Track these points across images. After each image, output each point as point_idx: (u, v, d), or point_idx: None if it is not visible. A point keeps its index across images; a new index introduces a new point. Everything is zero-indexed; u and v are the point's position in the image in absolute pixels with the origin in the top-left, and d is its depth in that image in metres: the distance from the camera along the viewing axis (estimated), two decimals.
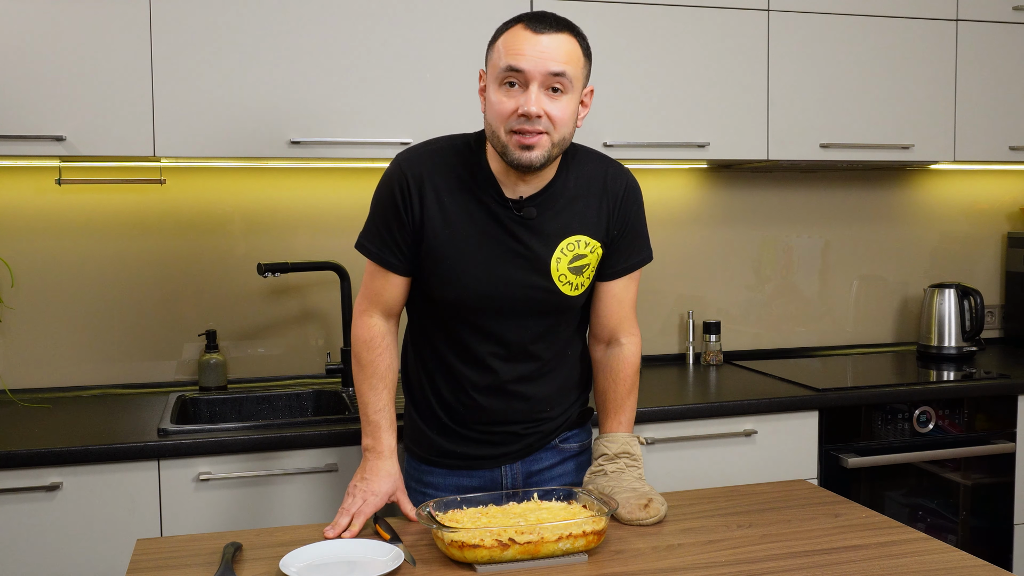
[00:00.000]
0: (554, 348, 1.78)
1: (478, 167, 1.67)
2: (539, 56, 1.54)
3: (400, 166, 1.69)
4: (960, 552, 1.50)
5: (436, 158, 1.69)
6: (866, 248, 3.29)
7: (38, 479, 2.03)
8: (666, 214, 3.07)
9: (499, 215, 1.66)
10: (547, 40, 1.55)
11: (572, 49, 1.58)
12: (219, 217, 2.70)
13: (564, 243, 1.69)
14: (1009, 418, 2.69)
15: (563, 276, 1.70)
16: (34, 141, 2.24)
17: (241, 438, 2.11)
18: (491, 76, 1.60)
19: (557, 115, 1.57)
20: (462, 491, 1.77)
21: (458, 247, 1.66)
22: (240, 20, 2.34)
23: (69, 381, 2.62)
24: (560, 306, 1.73)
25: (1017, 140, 2.97)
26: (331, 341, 2.78)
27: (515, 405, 1.76)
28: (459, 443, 1.79)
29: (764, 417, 2.47)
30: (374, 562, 1.43)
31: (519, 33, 1.56)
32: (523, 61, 1.54)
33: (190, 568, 1.45)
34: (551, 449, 1.84)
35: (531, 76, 1.55)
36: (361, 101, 2.42)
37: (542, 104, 1.55)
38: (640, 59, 2.63)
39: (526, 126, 1.56)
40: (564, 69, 1.56)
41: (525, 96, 1.55)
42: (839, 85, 2.79)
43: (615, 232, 1.75)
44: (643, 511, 1.62)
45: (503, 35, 1.60)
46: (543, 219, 1.68)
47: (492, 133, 1.61)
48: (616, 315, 1.80)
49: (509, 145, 1.58)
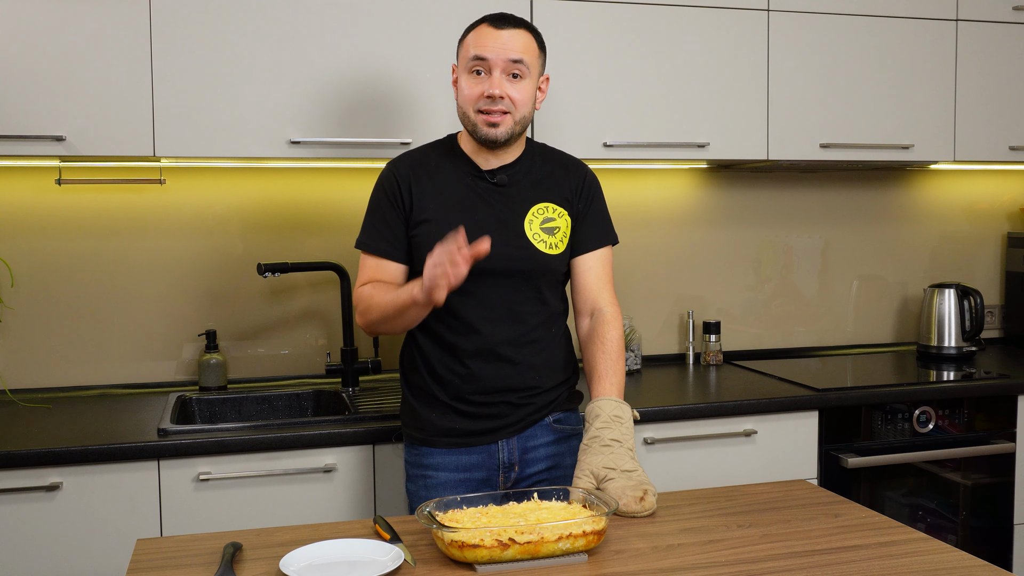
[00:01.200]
0: (538, 316, 1.91)
1: (454, 152, 1.94)
2: (501, 47, 1.82)
3: (388, 167, 1.95)
4: (960, 552, 1.50)
5: (418, 155, 1.96)
6: (866, 248, 3.29)
7: (38, 479, 2.03)
8: (666, 214, 3.07)
9: (475, 187, 1.90)
10: (507, 35, 1.83)
11: (528, 42, 1.86)
12: (219, 217, 2.70)
13: (535, 208, 1.91)
14: (1009, 418, 2.69)
15: (536, 235, 1.89)
16: (34, 141, 2.24)
17: (241, 438, 2.11)
18: (461, 67, 1.87)
19: (517, 96, 1.84)
20: (461, 468, 1.90)
21: (441, 218, 1.86)
22: (239, 20, 2.34)
23: (69, 381, 2.62)
24: (538, 264, 1.89)
25: (1017, 140, 2.98)
26: (331, 341, 2.78)
27: (505, 370, 1.88)
28: (455, 418, 1.89)
29: (764, 417, 2.47)
30: (374, 562, 1.43)
31: (484, 30, 1.84)
32: (487, 51, 1.82)
33: (190, 568, 1.45)
34: (545, 426, 1.93)
35: (494, 64, 1.82)
36: (361, 101, 2.42)
37: (504, 87, 1.82)
38: (640, 59, 2.63)
39: (492, 107, 1.82)
40: (522, 57, 1.83)
41: (490, 81, 1.82)
42: (839, 85, 2.79)
43: (579, 207, 1.95)
44: (639, 504, 1.65)
45: (471, 32, 1.87)
46: (514, 188, 1.91)
47: (463, 115, 1.87)
48: (595, 286, 1.95)
49: (478, 123, 1.84)
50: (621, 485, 1.68)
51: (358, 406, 2.39)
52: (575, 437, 1.96)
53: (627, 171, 3.00)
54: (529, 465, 1.92)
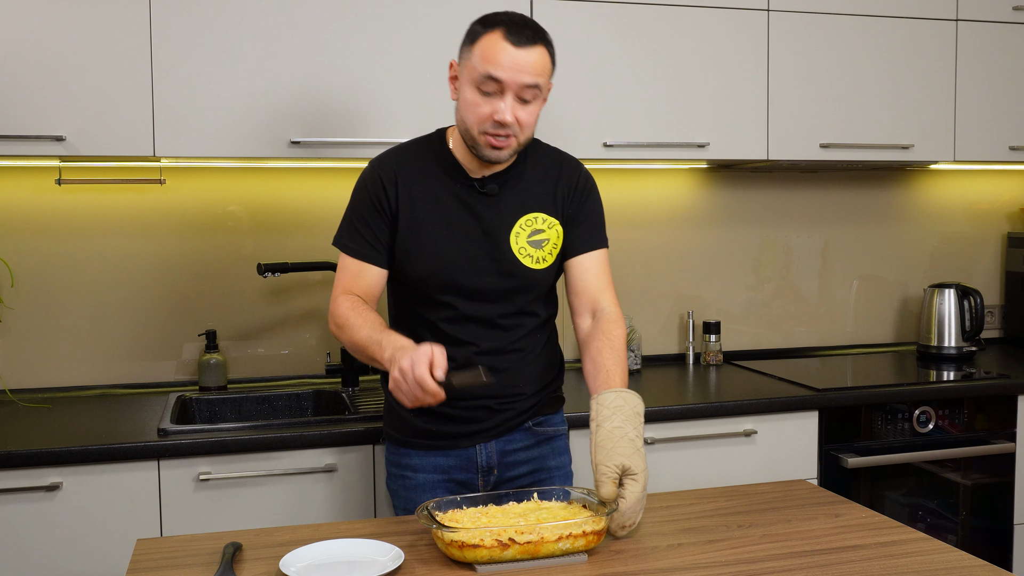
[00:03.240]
0: (523, 327, 1.85)
1: (443, 155, 1.82)
2: (517, 70, 1.67)
3: (372, 167, 1.84)
4: (960, 552, 1.50)
5: (403, 154, 1.84)
6: (866, 248, 3.29)
7: (38, 479, 2.03)
8: (666, 214, 3.07)
9: (463, 195, 1.80)
10: (524, 55, 1.67)
11: (545, 61, 1.71)
12: (219, 217, 2.70)
13: (523, 219, 1.81)
14: (1009, 418, 2.69)
15: (523, 249, 1.81)
16: (34, 141, 2.24)
17: (241, 438, 2.11)
18: (467, 75, 1.71)
19: (526, 120, 1.72)
20: (439, 470, 1.86)
21: (426, 228, 1.78)
22: (239, 20, 2.34)
23: (69, 381, 2.62)
24: (525, 279, 1.82)
25: (1017, 140, 2.97)
26: (331, 341, 2.78)
27: None
28: (433, 421, 1.84)
29: (764, 417, 2.47)
30: (374, 562, 1.43)
31: (499, 43, 1.67)
32: (501, 72, 1.66)
33: (190, 568, 1.45)
34: (524, 431, 1.89)
35: (508, 86, 1.67)
36: (361, 101, 2.42)
37: (515, 112, 1.69)
38: (640, 59, 2.63)
39: (499, 131, 1.70)
40: (538, 81, 1.69)
41: (501, 104, 1.68)
42: (839, 85, 2.79)
43: (571, 212, 1.85)
44: (621, 531, 1.56)
45: (482, 39, 1.69)
46: (503, 197, 1.81)
47: (465, 129, 1.74)
48: (595, 287, 1.85)
49: (481, 143, 1.72)
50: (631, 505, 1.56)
51: (358, 406, 2.39)
52: (557, 438, 1.93)
53: (627, 171, 3.00)
54: (508, 469, 1.88)
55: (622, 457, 1.55)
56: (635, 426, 1.61)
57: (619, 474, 1.55)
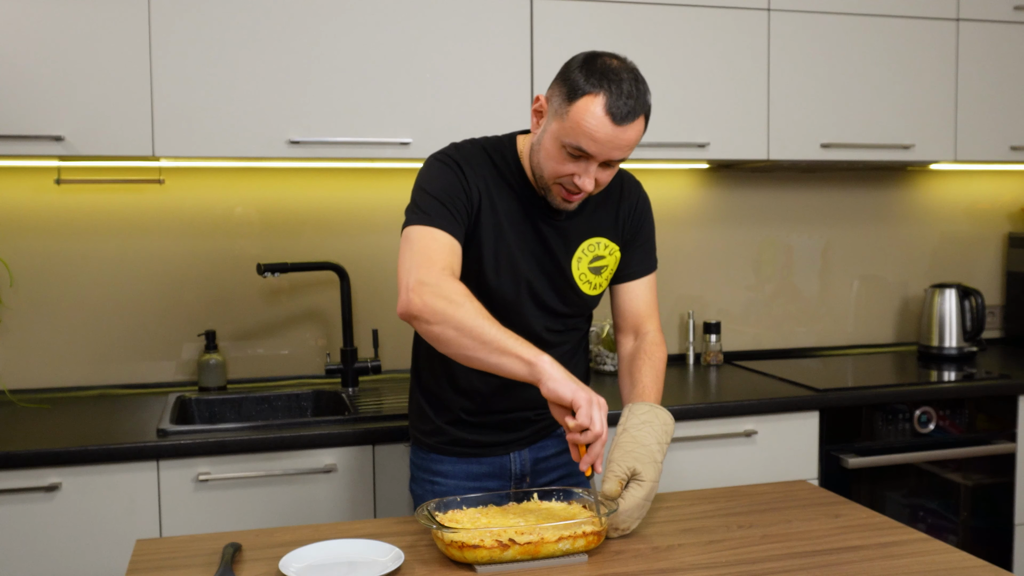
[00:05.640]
0: (568, 343, 1.83)
1: (515, 167, 1.72)
2: (613, 146, 1.56)
3: (452, 157, 1.70)
4: (961, 552, 1.49)
5: (481, 155, 1.72)
6: (866, 248, 3.28)
7: (37, 479, 2.02)
8: (666, 214, 3.06)
9: (532, 215, 1.72)
10: (623, 132, 1.55)
11: (640, 132, 1.59)
12: (218, 217, 2.70)
13: (585, 244, 1.77)
14: (1010, 418, 2.69)
15: (583, 275, 1.78)
16: (33, 141, 2.24)
17: (241, 438, 2.11)
18: (556, 127, 1.59)
19: (605, 181, 1.64)
20: (471, 477, 1.83)
21: (494, 239, 1.69)
22: (239, 20, 2.33)
23: (68, 381, 2.62)
24: (578, 303, 1.80)
25: (1018, 140, 2.97)
26: (331, 341, 2.78)
27: (530, 389, 1.55)
28: (471, 431, 1.82)
29: (764, 417, 2.47)
30: (374, 562, 1.43)
31: (598, 116, 1.53)
32: (595, 148, 1.56)
33: (190, 569, 1.45)
34: (557, 436, 1.89)
35: (597, 158, 1.58)
36: (361, 101, 2.42)
37: (597, 175, 1.61)
38: (640, 59, 2.59)
39: (575, 190, 1.62)
40: (628, 154, 1.61)
41: (584, 170, 1.59)
42: (839, 85, 2.79)
43: (628, 236, 1.83)
44: (614, 532, 1.56)
45: (581, 101, 1.54)
46: (568, 221, 1.75)
47: (540, 174, 1.65)
48: (643, 312, 1.87)
49: (553, 192, 1.65)
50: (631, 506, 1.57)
51: (358, 406, 2.39)
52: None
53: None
54: (541, 475, 1.88)
55: (636, 461, 1.56)
56: (659, 440, 1.61)
57: (628, 476, 1.55)
